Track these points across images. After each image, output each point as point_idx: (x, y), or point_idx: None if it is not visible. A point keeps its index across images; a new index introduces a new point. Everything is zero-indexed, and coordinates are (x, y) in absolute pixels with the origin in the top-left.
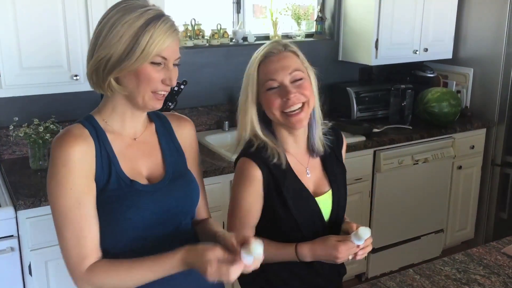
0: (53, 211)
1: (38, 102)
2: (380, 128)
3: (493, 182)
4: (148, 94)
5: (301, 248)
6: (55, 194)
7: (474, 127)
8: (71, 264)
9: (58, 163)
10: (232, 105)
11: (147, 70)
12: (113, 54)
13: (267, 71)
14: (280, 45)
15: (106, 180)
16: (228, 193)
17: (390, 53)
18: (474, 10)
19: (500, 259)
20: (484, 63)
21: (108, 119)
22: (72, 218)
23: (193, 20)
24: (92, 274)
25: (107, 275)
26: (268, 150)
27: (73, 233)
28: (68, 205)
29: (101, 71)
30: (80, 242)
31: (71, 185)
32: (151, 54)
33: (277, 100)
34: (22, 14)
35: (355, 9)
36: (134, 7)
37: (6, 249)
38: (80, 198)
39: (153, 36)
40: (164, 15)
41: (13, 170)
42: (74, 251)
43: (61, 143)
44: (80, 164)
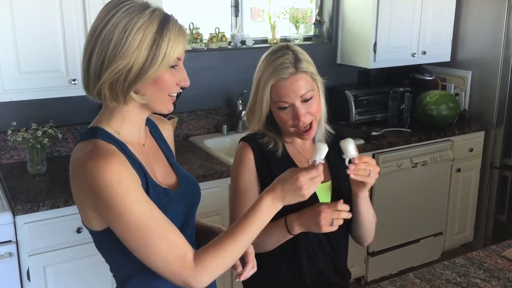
0: (126, 232)
1: (36, 106)
2: (379, 131)
3: (492, 184)
4: (166, 98)
5: (290, 218)
6: (125, 214)
7: (472, 129)
8: (176, 269)
9: (112, 184)
10: (231, 108)
11: (166, 75)
12: (134, 64)
13: (279, 94)
14: (291, 64)
15: (146, 191)
16: (227, 197)
17: (388, 56)
18: (472, 13)
19: (500, 262)
20: (482, 65)
21: (120, 129)
22: (153, 226)
23: (191, 24)
24: (202, 264)
25: (215, 256)
26: (265, 138)
27: (161, 240)
28: (143, 217)
29: (120, 84)
30: (172, 243)
31: (136, 198)
32: (172, 58)
33: (289, 121)
34: (20, 19)
35: (353, 12)
36: (139, 9)
37: (4, 254)
38: (149, 205)
39: (171, 40)
40: (167, 14)
41: (11, 175)
42: (172, 254)
43: (103, 163)
44: (131, 175)
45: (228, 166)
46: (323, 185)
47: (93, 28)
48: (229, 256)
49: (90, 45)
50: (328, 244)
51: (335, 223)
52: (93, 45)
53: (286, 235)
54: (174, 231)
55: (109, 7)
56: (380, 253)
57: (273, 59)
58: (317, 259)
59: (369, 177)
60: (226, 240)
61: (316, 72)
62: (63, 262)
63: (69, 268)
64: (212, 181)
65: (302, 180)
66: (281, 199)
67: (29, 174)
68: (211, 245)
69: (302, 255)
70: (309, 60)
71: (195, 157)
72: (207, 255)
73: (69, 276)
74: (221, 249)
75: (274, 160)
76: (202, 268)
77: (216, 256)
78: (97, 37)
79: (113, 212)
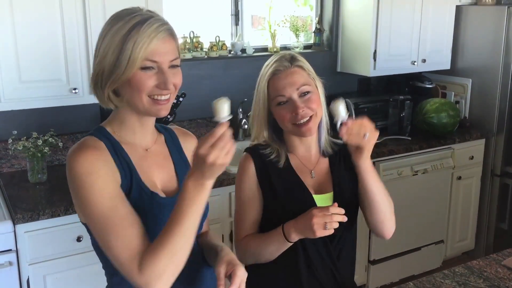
0: (91, 223)
1: (37, 115)
2: (379, 139)
3: (493, 192)
4: (146, 100)
5: (287, 225)
6: (88, 205)
7: (473, 137)
8: (125, 271)
9: (81, 174)
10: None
11: (137, 77)
12: (105, 67)
13: (276, 88)
14: (287, 60)
15: (128, 190)
16: (227, 205)
17: (388, 64)
18: (472, 20)
19: (500, 271)
20: (482, 73)
21: (118, 130)
22: (113, 222)
23: (191, 33)
24: (147, 270)
25: (159, 257)
26: (267, 148)
27: (117, 238)
28: (104, 212)
29: (99, 86)
30: (127, 243)
31: (101, 192)
32: (137, 59)
33: (287, 115)
34: (21, 28)
35: (353, 20)
36: (123, 15)
37: (5, 263)
38: (114, 201)
39: (137, 41)
40: (151, 18)
41: (11, 184)
42: (123, 255)
43: (79, 154)
44: (104, 170)
45: (228, 174)
46: (325, 196)
47: None
48: (174, 252)
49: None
50: (328, 257)
51: (329, 226)
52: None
53: (285, 243)
54: (133, 232)
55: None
56: (381, 261)
57: (271, 60)
58: (316, 271)
59: (364, 140)
60: (166, 236)
61: (315, 73)
62: (63, 271)
63: (69, 277)
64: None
65: (211, 157)
66: (202, 178)
67: (29, 182)
68: (152, 246)
69: (301, 268)
70: (306, 62)
71: None
72: (150, 258)
73: (69, 285)
74: (163, 248)
75: (275, 170)
76: (147, 273)
77: (159, 256)
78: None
79: (80, 202)
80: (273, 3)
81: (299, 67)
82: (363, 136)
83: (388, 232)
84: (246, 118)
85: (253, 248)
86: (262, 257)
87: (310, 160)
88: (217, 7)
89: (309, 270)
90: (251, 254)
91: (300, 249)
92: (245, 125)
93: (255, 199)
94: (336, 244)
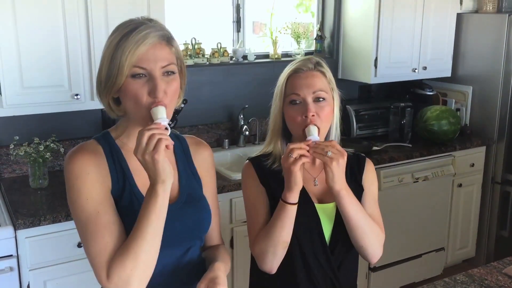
0: (76, 224)
1: (39, 121)
2: (380, 146)
3: (494, 200)
4: (145, 109)
5: (283, 193)
6: (74, 207)
7: (474, 145)
8: (97, 273)
9: (71, 176)
10: (232, 123)
11: (129, 85)
12: (102, 78)
13: (293, 85)
14: (312, 63)
15: (119, 195)
16: (228, 212)
17: (389, 71)
18: (473, 28)
19: (501, 279)
20: (483, 81)
21: (123, 137)
22: (93, 228)
23: (193, 39)
24: (113, 277)
25: (123, 263)
26: (270, 158)
27: (94, 243)
28: (86, 216)
29: (100, 96)
30: (102, 250)
31: (86, 196)
32: (124, 67)
33: (298, 117)
34: (23, 34)
35: (354, 28)
36: (120, 25)
37: (5, 268)
38: (98, 207)
39: (124, 49)
40: (142, 25)
41: (13, 189)
42: (96, 260)
43: (73, 157)
44: (93, 175)
45: (229, 180)
46: (327, 206)
47: None
48: (137, 258)
49: None
50: (329, 268)
51: (293, 155)
52: None
53: (285, 207)
54: (110, 240)
55: None
56: (381, 268)
57: (297, 60)
58: (317, 282)
59: (328, 158)
60: (128, 242)
61: (335, 85)
62: (63, 277)
63: (69, 283)
64: None
65: (139, 155)
66: (152, 180)
67: (30, 188)
68: (118, 253)
69: (300, 278)
70: (329, 71)
71: None
72: (116, 265)
73: None
74: (127, 254)
75: (277, 179)
76: (114, 280)
77: (124, 263)
78: None
79: (69, 203)
80: (274, 10)
81: (321, 72)
82: (325, 153)
83: (371, 258)
84: (247, 124)
85: (265, 238)
86: (276, 240)
87: (314, 168)
88: (218, 14)
89: (310, 283)
90: (266, 246)
91: (300, 262)
92: (246, 131)
93: (260, 201)
94: (338, 255)
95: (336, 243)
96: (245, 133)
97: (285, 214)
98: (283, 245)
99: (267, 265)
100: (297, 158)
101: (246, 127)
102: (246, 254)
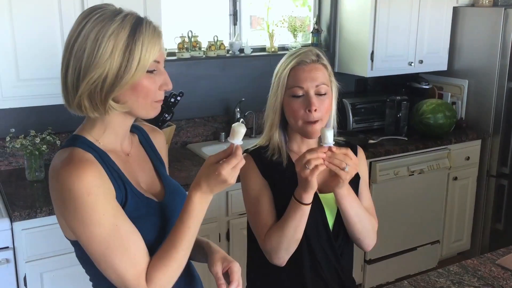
0: (89, 244)
1: (35, 113)
2: (376, 139)
3: (489, 193)
4: (151, 104)
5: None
6: (88, 226)
7: (469, 138)
8: (133, 286)
9: (80, 195)
10: (229, 116)
11: (144, 81)
12: (109, 72)
13: (297, 78)
14: (314, 55)
15: (124, 200)
16: (224, 204)
17: (386, 65)
18: (469, 22)
19: (494, 270)
20: (479, 74)
21: (101, 138)
22: (116, 243)
23: (190, 32)
24: (155, 283)
25: (165, 271)
26: (269, 150)
27: (122, 257)
28: (107, 232)
29: (97, 94)
30: (132, 261)
31: (103, 211)
32: (148, 62)
33: (301, 111)
34: (19, 26)
35: (351, 21)
36: (110, 15)
37: (2, 260)
38: (116, 220)
39: (145, 43)
40: (142, 17)
41: (9, 182)
42: (129, 273)
43: (73, 172)
44: (103, 187)
45: None
46: (327, 196)
47: (67, 40)
48: (178, 265)
49: (65, 58)
50: (333, 255)
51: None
52: (68, 58)
53: (300, 208)
54: (137, 248)
55: (80, 17)
56: (377, 261)
57: (297, 51)
58: (321, 269)
59: (343, 171)
60: (170, 251)
61: (333, 77)
62: (60, 269)
63: (66, 275)
64: None
65: (225, 174)
66: (209, 192)
67: (27, 180)
68: (158, 260)
69: (305, 266)
70: (329, 64)
71: (192, 164)
72: (157, 272)
73: (66, 283)
74: (168, 262)
75: (277, 170)
76: (155, 287)
77: (165, 270)
78: (71, 49)
79: (79, 223)
80: (271, 4)
81: (323, 65)
82: (343, 168)
83: (366, 247)
84: (243, 118)
85: (278, 235)
86: (290, 238)
87: None
88: (215, 7)
89: (315, 270)
90: (279, 243)
91: (306, 250)
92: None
93: (265, 190)
94: (340, 243)
95: (338, 231)
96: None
97: (300, 213)
98: (297, 242)
99: (279, 260)
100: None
101: (242, 120)
102: (242, 247)
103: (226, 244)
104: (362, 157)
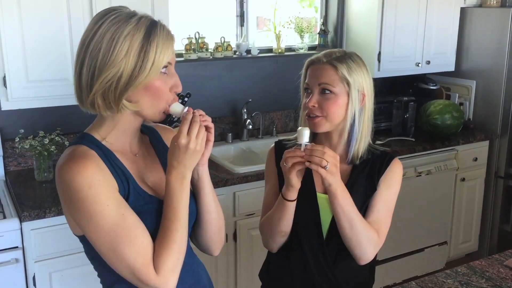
0: (96, 237)
1: (44, 114)
2: (383, 140)
3: (497, 194)
4: (162, 107)
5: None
6: (93, 218)
7: (477, 139)
8: (142, 278)
9: (82, 188)
10: (236, 117)
11: (157, 82)
12: (123, 72)
13: (307, 74)
14: (328, 56)
15: (126, 196)
16: (231, 205)
17: (393, 65)
18: (476, 23)
19: (502, 271)
20: (487, 75)
21: (109, 137)
22: (124, 232)
23: (197, 33)
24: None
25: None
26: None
27: (129, 247)
28: (112, 222)
29: (112, 92)
30: (140, 251)
31: (106, 202)
32: (162, 63)
33: (306, 106)
34: (29, 28)
35: (358, 22)
36: (125, 17)
37: (11, 260)
38: (121, 210)
39: (159, 45)
40: (156, 20)
41: (18, 182)
42: (138, 263)
43: (76, 167)
44: (104, 180)
45: (232, 174)
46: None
47: (82, 39)
48: (178, 246)
49: (80, 57)
50: (323, 257)
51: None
52: (83, 56)
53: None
54: (144, 238)
55: (96, 18)
56: (384, 262)
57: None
58: (311, 271)
59: (324, 170)
60: (166, 234)
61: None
62: (68, 269)
63: (74, 275)
64: (217, 189)
65: (183, 142)
66: (183, 168)
67: (36, 181)
68: (158, 246)
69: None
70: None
71: None
72: (160, 257)
73: (75, 283)
74: (168, 244)
75: None
76: (164, 273)
77: (168, 253)
78: (86, 48)
79: (84, 216)
80: (278, 5)
81: (332, 66)
82: (324, 166)
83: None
84: (250, 118)
85: (266, 222)
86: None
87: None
88: (222, 8)
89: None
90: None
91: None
92: (249, 125)
93: (273, 177)
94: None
95: (332, 235)
96: (249, 127)
97: (284, 208)
98: (281, 234)
99: (267, 245)
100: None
101: (249, 121)
102: (249, 247)
103: (233, 245)
104: (394, 170)
